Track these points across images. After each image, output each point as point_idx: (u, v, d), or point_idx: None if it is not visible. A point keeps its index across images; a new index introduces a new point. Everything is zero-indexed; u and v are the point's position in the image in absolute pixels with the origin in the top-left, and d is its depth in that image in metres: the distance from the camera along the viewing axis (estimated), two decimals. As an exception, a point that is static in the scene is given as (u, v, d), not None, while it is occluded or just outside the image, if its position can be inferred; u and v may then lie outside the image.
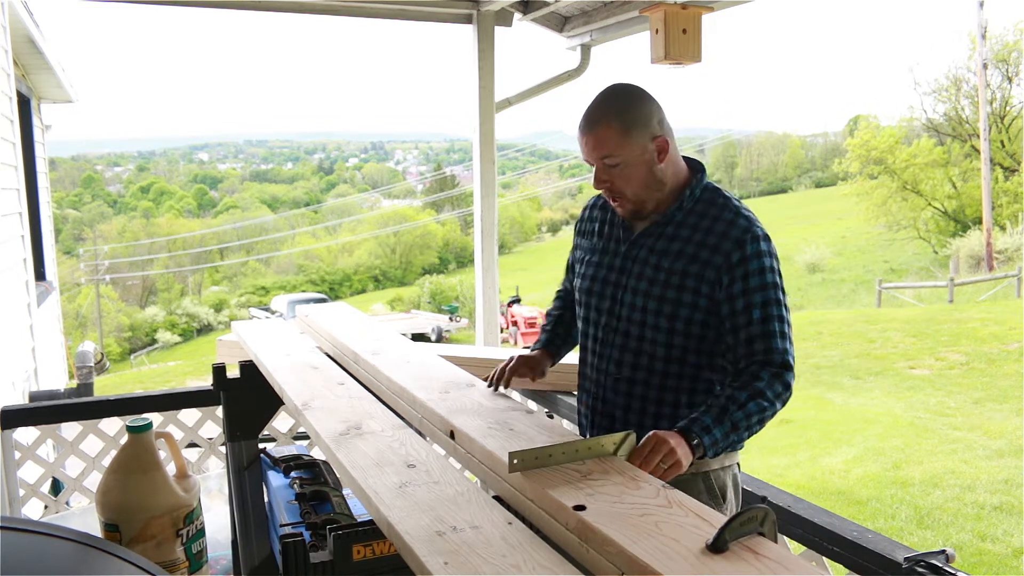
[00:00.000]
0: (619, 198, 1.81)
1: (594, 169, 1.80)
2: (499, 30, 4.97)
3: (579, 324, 2.01)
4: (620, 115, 1.74)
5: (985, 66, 25.62)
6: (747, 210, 1.84)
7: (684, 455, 1.56)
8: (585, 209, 2.07)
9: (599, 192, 1.93)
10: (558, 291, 2.22)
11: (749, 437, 1.74)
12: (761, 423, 1.69)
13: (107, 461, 2.97)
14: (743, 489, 2.21)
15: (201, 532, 2.42)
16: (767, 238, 1.79)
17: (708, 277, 1.75)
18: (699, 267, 1.76)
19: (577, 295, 2.00)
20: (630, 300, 1.84)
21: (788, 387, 1.71)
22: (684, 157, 1.90)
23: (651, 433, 1.56)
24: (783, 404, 1.71)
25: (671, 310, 1.78)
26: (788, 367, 1.72)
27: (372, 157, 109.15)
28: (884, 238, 33.44)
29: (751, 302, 1.73)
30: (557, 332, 2.15)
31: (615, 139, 1.74)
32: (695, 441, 1.59)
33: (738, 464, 1.94)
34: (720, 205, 1.83)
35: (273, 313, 28.91)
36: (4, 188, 5.09)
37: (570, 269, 2.13)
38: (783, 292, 1.78)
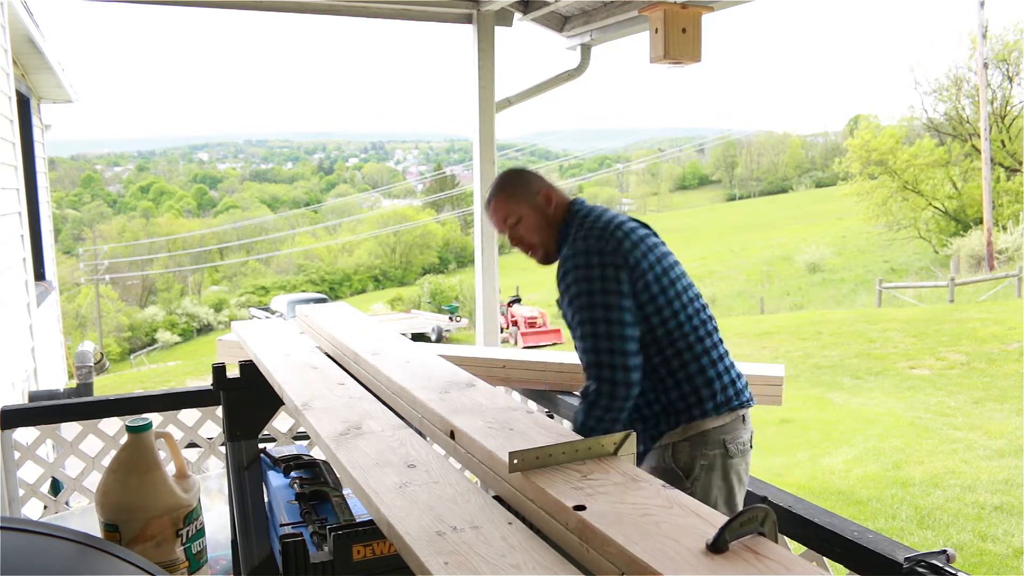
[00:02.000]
0: (531, 248, 2.22)
1: (507, 236, 2.23)
2: (499, 30, 4.97)
3: None
4: (504, 187, 2.23)
5: (986, 66, 25.62)
6: (589, 228, 2.09)
7: None
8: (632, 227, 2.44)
9: None
10: None
11: (615, 425, 2.01)
12: (597, 422, 2.00)
13: (107, 461, 2.97)
14: (744, 489, 2.21)
15: (201, 532, 2.42)
16: (581, 254, 2.03)
17: (560, 300, 2.12)
18: (558, 294, 2.12)
19: None
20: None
21: (603, 395, 1.99)
22: (571, 201, 2.25)
23: None
24: (611, 408, 1.99)
25: (571, 334, 2.12)
26: (592, 384, 2.02)
27: (372, 157, 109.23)
28: (884, 238, 33.44)
29: (567, 314, 2.08)
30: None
31: (504, 204, 2.20)
32: None
33: (726, 446, 2.14)
34: (577, 234, 2.11)
35: (273, 313, 28.91)
36: (4, 188, 5.09)
37: None
38: (596, 299, 2.01)
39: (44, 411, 3.28)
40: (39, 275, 6.92)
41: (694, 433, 2.09)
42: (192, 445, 3.54)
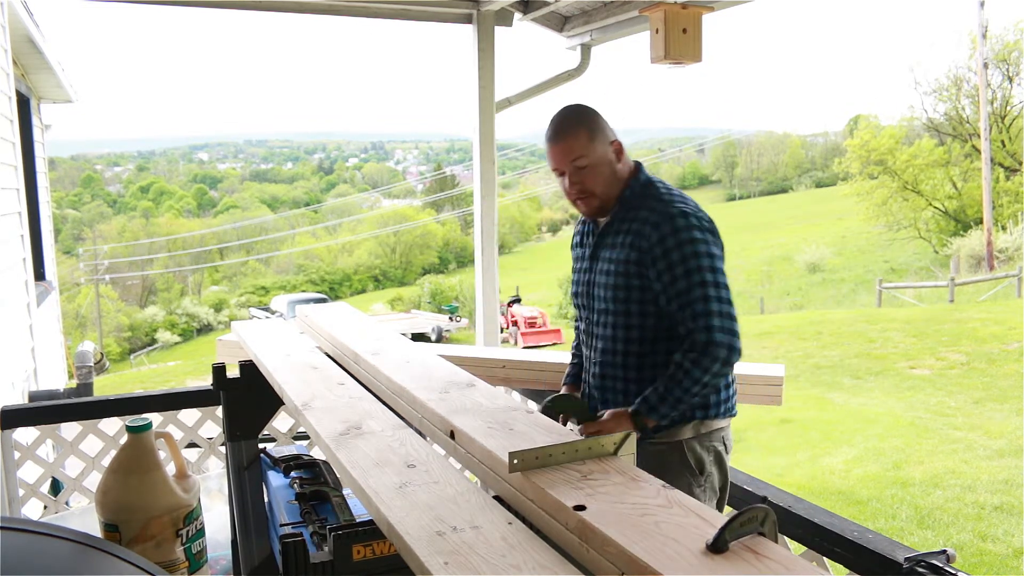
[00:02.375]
0: (588, 196, 2.06)
1: (565, 175, 2.04)
2: (499, 30, 4.97)
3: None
4: (585, 124, 2.04)
5: (986, 66, 25.62)
6: (681, 197, 2.05)
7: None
8: (575, 226, 2.34)
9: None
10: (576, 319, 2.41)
11: (692, 403, 1.94)
12: (702, 388, 1.89)
13: (107, 461, 2.97)
14: (744, 489, 2.21)
15: (201, 532, 2.42)
16: (686, 215, 1.96)
17: (645, 261, 1.96)
18: (636, 253, 1.97)
19: (572, 300, 2.27)
20: (599, 294, 2.08)
21: (718, 361, 1.87)
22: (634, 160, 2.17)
23: (604, 416, 1.86)
24: (719, 375, 1.90)
25: (625, 296, 2.00)
26: (712, 342, 1.87)
27: (372, 157, 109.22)
28: (884, 238, 33.44)
29: (676, 275, 1.92)
30: (575, 363, 2.34)
31: (583, 142, 2.01)
32: (639, 420, 1.87)
33: (726, 442, 2.08)
34: (652, 195, 2.04)
35: (273, 313, 28.90)
36: (4, 188, 5.09)
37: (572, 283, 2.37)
38: (713, 262, 1.93)
39: (44, 411, 3.28)
40: (39, 275, 6.92)
41: (705, 432, 2.06)
42: (192, 445, 3.54)
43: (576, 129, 2.02)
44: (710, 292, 1.89)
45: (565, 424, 1.87)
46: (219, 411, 2.76)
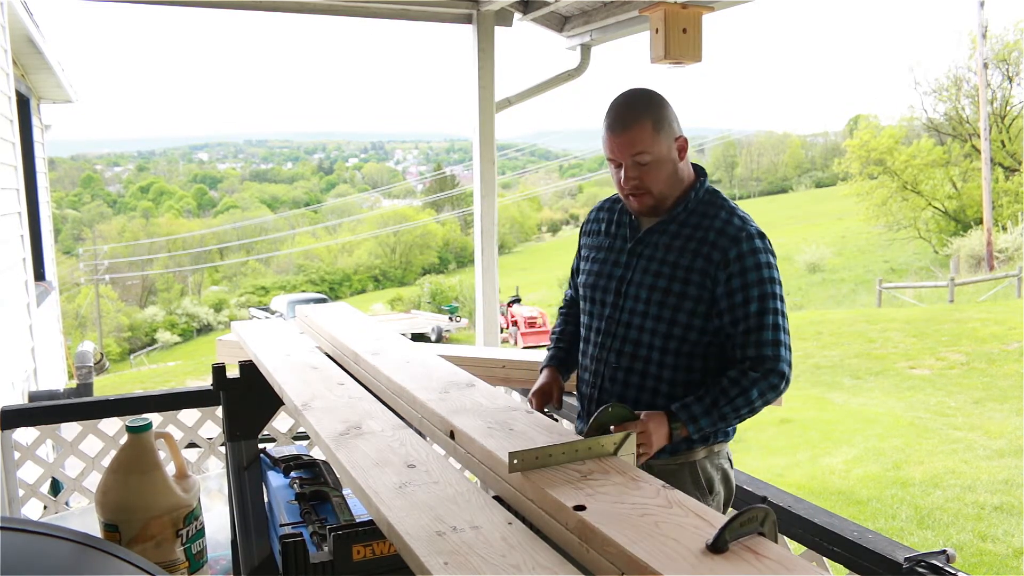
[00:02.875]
0: (643, 194, 1.89)
1: (622, 168, 1.87)
2: (499, 30, 4.96)
3: (583, 317, 2.08)
4: (651, 115, 1.84)
5: (986, 66, 25.62)
6: (742, 212, 1.94)
7: (659, 440, 1.71)
8: (592, 211, 2.16)
9: (607, 197, 2.09)
10: (563, 302, 2.26)
11: (730, 426, 1.89)
12: (748, 414, 1.81)
13: (107, 461, 2.97)
14: (744, 489, 2.21)
15: (201, 532, 2.42)
16: (763, 236, 1.89)
17: (709, 272, 1.83)
18: (702, 262, 1.84)
19: (581, 290, 2.07)
20: (634, 292, 1.92)
21: (775, 388, 1.81)
22: (692, 162, 2.01)
23: (644, 418, 1.70)
24: (768, 402, 1.82)
25: (675, 302, 1.86)
26: (775, 370, 1.80)
27: (372, 157, 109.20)
28: (884, 238, 33.43)
29: (749, 297, 1.82)
30: (561, 346, 2.19)
31: (649, 136, 1.83)
32: (677, 426, 1.75)
33: (729, 459, 2.01)
34: (719, 205, 1.93)
35: (273, 313, 28.89)
36: (3, 188, 5.09)
37: (575, 274, 2.18)
38: (780, 290, 1.86)
39: (44, 411, 3.28)
40: (39, 275, 6.92)
41: (716, 451, 1.97)
42: (192, 445, 3.54)
43: (642, 119, 1.82)
44: (780, 321, 1.83)
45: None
46: (219, 411, 2.76)
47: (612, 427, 1.65)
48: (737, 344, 1.82)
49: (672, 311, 1.85)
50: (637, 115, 1.83)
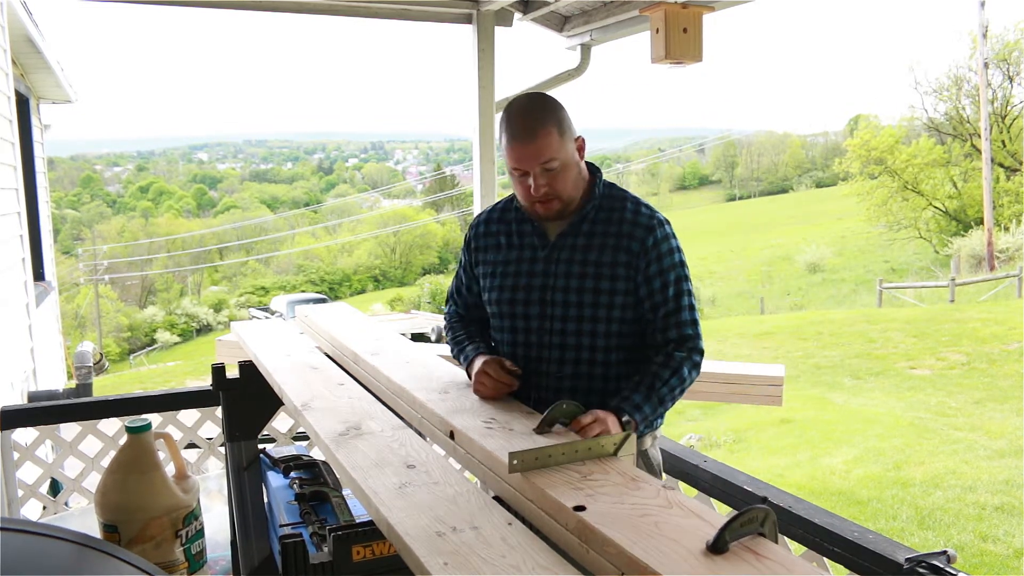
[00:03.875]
0: (552, 199, 1.87)
1: (528, 175, 1.83)
2: (499, 30, 4.96)
3: (497, 335, 2.02)
4: (555, 120, 1.82)
5: (986, 65, 25.61)
6: (643, 200, 1.99)
7: (615, 427, 1.71)
8: (477, 226, 2.08)
9: (489, 208, 2.08)
10: (451, 317, 2.16)
11: (667, 409, 1.92)
12: (680, 394, 1.88)
13: (106, 462, 2.97)
14: (744, 490, 2.22)
15: (200, 533, 2.41)
16: (667, 222, 1.95)
17: (632, 263, 1.88)
18: (624, 255, 1.88)
19: (494, 307, 2.00)
20: (562, 299, 1.90)
21: (697, 366, 1.89)
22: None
23: (592, 412, 1.67)
24: (694, 379, 1.90)
25: (608, 299, 1.89)
26: (696, 348, 1.89)
27: (372, 157, 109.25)
28: (885, 238, 33.44)
29: (666, 282, 1.88)
30: (478, 340, 2.05)
31: (556, 143, 1.81)
32: (625, 418, 1.75)
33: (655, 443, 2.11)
34: (621, 197, 1.95)
35: (272, 313, 28.89)
36: (3, 188, 5.09)
37: (466, 288, 2.11)
38: (687, 269, 1.94)
39: (43, 411, 3.28)
40: (38, 275, 6.91)
41: (656, 436, 2.07)
42: (192, 446, 3.53)
43: (548, 126, 1.80)
44: (693, 301, 1.92)
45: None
46: (219, 411, 2.76)
47: (561, 424, 1.64)
48: (658, 328, 1.88)
49: (607, 308, 1.88)
50: (542, 122, 1.80)
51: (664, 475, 2.12)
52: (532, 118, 1.81)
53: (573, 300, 1.88)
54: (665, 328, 1.88)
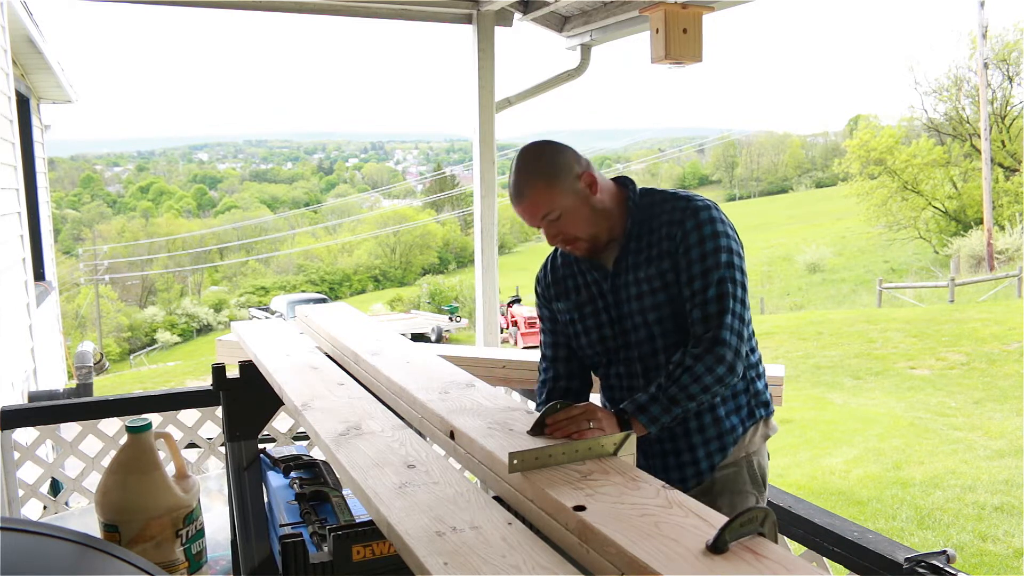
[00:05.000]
0: (573, 241, 1.86)
1: (543, 230, 1.85)
2: (499, 30, 4.97)
3: (597, 373, 2.04)
4: (541, 173, 1.80)
5: (986, 66, 25.62)
6: (684, 191, 1.90)
7: (609, 422, 1.64)
8: (544, 277, 2.07)
9: (549, 255, 2.04)
10: (544, 366, 2.10)
11: (697, 406, 1.78)
12: (701, 393, 1.74)
13: (106, 461, 2.97)
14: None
15: (201, 533, 2.42)
16: (708, 207, 1.83)
17: (678, 263, 1.81)
18: (669, 260, 1.82)
19: (589, 350, 1.99)
20: (632, 324, 1.89)
21: (721, 360, 1.74)
22: (614, 178, 1.95)
23: (585, 404, 1.64)
24: (720, 377, 1.75)
25: (670, 310, 1.83)
26: (718, 339, 1.74)
27: (372, 157, 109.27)
28: (884, 238, 33.46)
29: (693, 274, 1.79)
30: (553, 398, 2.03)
31: (545, 197, 1.79)
32: (626, 418, 1.70)
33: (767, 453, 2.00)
34: (659, 200, 1.88)
35: (273, 313, 28.91)
36: (3, 188, 5.09)
37: (552, 334, 2.06)
38: (731, 258, 1.79)
39: (44, 411, 3.28)
40: (39, 275, 6.92)
41: (766, 435, 1.96)
42: (192, 445, 3.54)
43: (533, 183, 1.79)
44: (728, 289, 1.77)
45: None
46: (219, 411, 2.76)
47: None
48: (691, 320, 1.80)
49: (675, 318, 1.83)
50: (529, 179, 1.80)
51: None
52: (520, 177, 1.82)
53: (651, 319, 1.85)
54: (692, 322, 1.79)
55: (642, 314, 1.86)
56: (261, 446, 2.51)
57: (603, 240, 1.87)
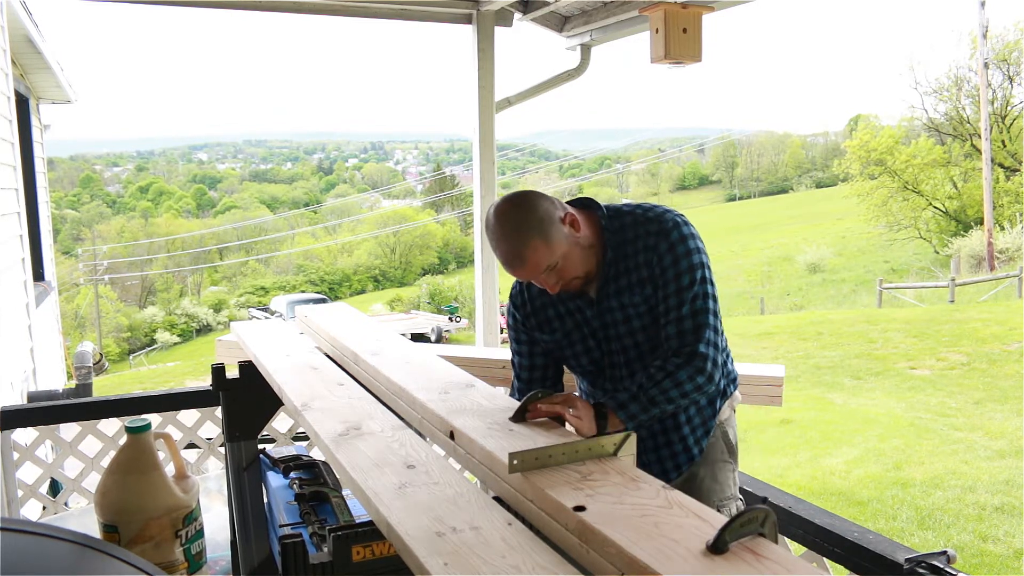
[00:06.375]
0: (572, 282, 1.87)
1: (539, 281, 1.84)
2: (499, 30, 4.97)
3: (580, 388, 2.13)
4: (536, 230, 1.76)
5: (986, 65, 25.61)
6: (650, 207, 1.92)
7: (589, 422, 1.63)
8: (521, 305, 2.06)
9: (520, 282, 2.02)
10: (520, 387, 2.14)
11: (675, 408, 1.82)
12: (680, 399, 1.79)
13: (106, 462, 2.97)
14: (744, 490, 2.22)
15: (200, 533, 2.41)
16: (678, 225, 1.86)
17: (654, 278, 1.85)
18: (650, 285, 1.86)
19: (580, 370, 2.06)
20: (620, 346, 1.94)
21: (702, 371, 1.80)
22: (577, 206, 1.92)
23: (565, 394, 1.66)
24: (700, 386, 1.81)
25: (656, 332, 1.89)
26: (696, 352, 1.80)
27: (372, 157, 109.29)
28: (885, 238, 33.45)
29: (668, 291, 1.84)
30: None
31: (545, 253, 1.77)
32: (604, 412, 1.70)
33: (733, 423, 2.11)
34: (629, 223, 1.90)
35: (272, 313, 28.91)
36: (2, 188, 5.09)
37: (528, 358, 2.09)
38: (704, 273, 1.84)
39: (43, 412, 3.28)
40: (38, 275, 6.92)
41: (734, 407, 2.09)
42: (191, 446, 3.53)
43: (530, 242, 1.75)
44: (702, 305, 1.83)
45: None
46: (218, 412, 2.76)
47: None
48: (665, 335, 1.84)
49: (671, 312, 1.87)
50: (524, 240, 1.75)
51: None
52: (513, 241, 1.77)
53: (639, 340, 1.91)
54: (667, 336, 1.84)
55: (631, 336, 1.92)
56: (261, 446, 2.51)
57: (594, 273, 1.89)
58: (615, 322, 1.92)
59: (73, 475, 3.35)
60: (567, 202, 1.90)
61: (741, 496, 2.08)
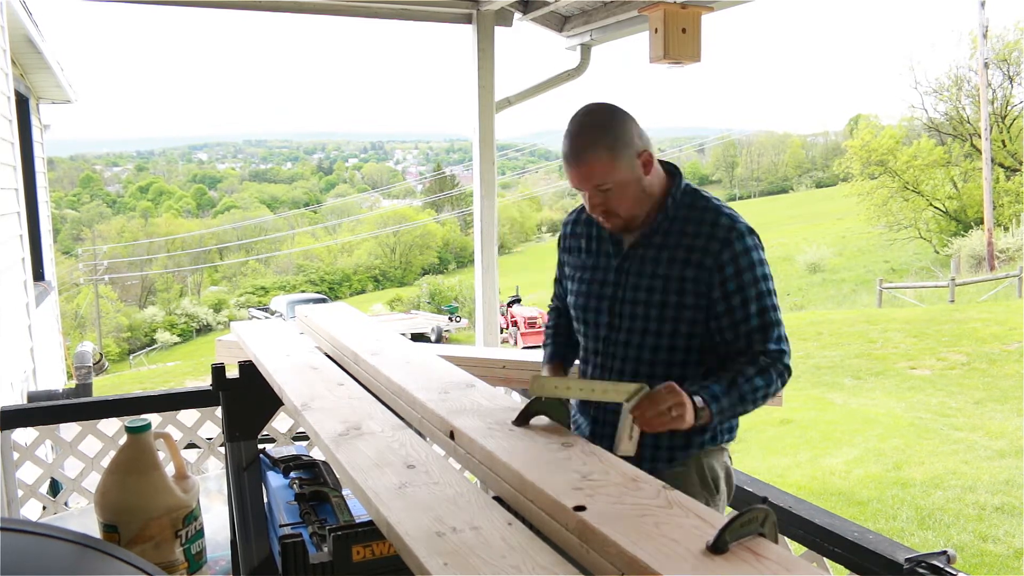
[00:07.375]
0: (611, 216, 1.82)
1: (586, 194, 1.81)
2: (499, 30, 4.97)
3: (579, 338, 2.03)
4: (606, 140, 1.74)
5: (986, 65, 25.60)
6: (727, 207, 1.87)
7: (689, 412, 1.62)
8: (567, 225, 2.08)
9: (577, 208, 2.01)
10: (551, 306, 2.21)
11: (746, 412, 1.80)
12: (763, 399, 1.76)
13: (106, 462, 2.97)
14: (744, 490, 2.21)
15: (200, 533, 2.41)
16: (752, 232, 1.83)
17: (702, 279, 1.78)
18: (693, 271, 1.79)
19: (573, 311, 2.01)
20: (629, 311, 1.87)
21: (782, 376, 1.78)
22: (660, 161, 1.89)
23: (668, 383, 1.63)
24: (778, 389, 1.79)
25: (675, 314, 1.81)
26: (783, 361, 1.79)
27: (372, 157, 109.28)
28: (885, 238, 33.43)
29: (747, 298, 1.78)
30: (559, 341, 2.14)
31: (606, 166, 1.74)
32: (700, 405, 1.65)
33: (729, 457, 1.98)
34: (701, 207, 1.85)
35: (272, 313, 28.91)
36: (2, 188, 5.09)
37: (559, 283, 2.13)
38: (773, 284, 1.84)
39: (43, 412, 3.28)
40: (38, 275, 6.91)
41: (717, 450, 1.94)
42: (191, 446, 3.53)
43: (596, 150, 1.73)
44: (779, 316, 1.81)
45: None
46: (218, 411, 2.76)
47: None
48: (742, 346, 1.78)
49: (673, 323, 1.81)
50: (592, 143, 1.74)
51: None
52: (583, 138, 1.75)
53: (640, 313, 1.84)
54: (750, 345, 1.78)
55: (636, 305, 1.85)
56: (261, 446, 2.51)
57: (638, 222, 1.84)
58: (630, 284, 1.86)
59: (73, 475, 3.35)
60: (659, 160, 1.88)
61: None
